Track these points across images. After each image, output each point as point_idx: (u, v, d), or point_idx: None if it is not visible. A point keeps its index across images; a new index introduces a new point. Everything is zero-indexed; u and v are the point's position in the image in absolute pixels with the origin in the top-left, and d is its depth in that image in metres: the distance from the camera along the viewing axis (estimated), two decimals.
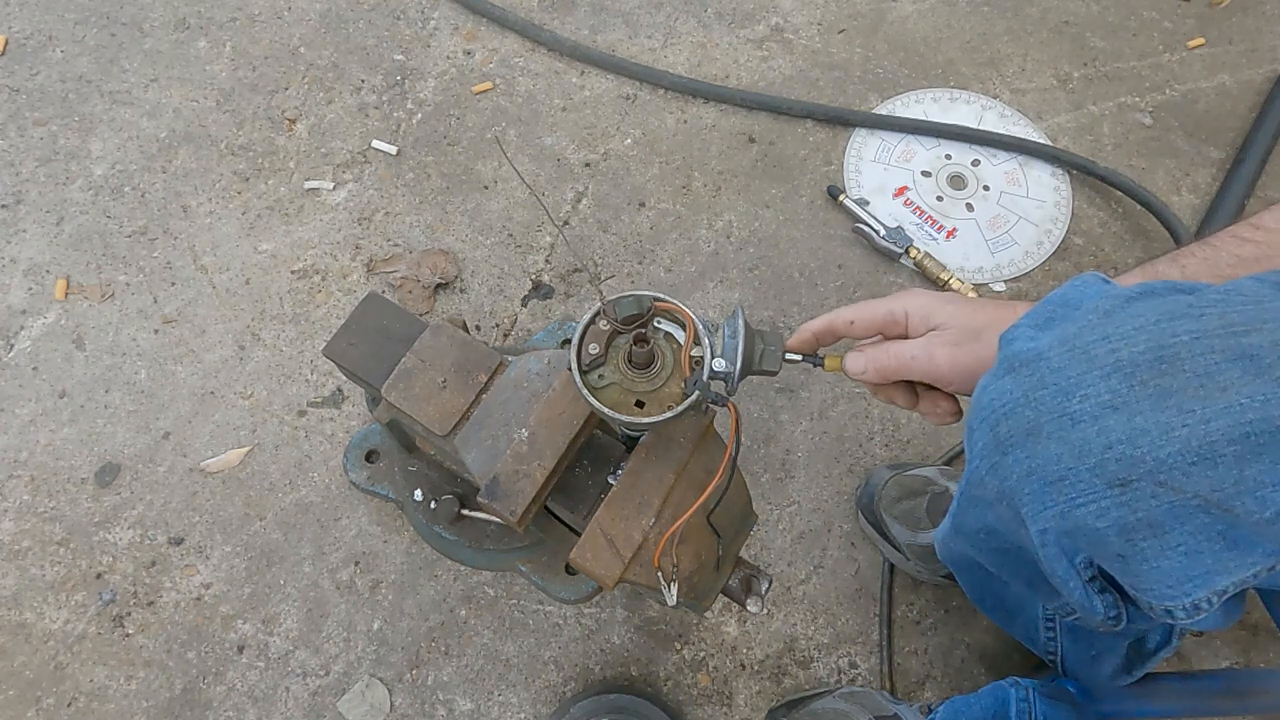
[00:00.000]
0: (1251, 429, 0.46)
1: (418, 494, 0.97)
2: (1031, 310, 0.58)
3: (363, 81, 1.41)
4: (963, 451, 1.14)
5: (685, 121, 1.39)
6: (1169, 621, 0.55)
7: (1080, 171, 1.34)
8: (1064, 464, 0.51)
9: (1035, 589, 0.70)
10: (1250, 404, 0.46)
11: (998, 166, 1.36)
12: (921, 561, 1.02)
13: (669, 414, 0.65)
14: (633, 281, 1.26)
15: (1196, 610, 0.53)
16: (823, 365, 0.72)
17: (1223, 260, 0.66)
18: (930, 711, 0.92)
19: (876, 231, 1.26)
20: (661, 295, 0.67)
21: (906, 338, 0.69)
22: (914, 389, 0.73)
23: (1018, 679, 0.90)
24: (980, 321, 0.66)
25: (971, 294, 1.23)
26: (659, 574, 0.71)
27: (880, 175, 1.35)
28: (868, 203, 1.31)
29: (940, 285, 1.24)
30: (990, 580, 0.88)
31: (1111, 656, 0.85)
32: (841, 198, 1.30)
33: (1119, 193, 1.31)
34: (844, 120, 1.38)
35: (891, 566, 1.08)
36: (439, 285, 1.25)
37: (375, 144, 1.36)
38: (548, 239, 1.29)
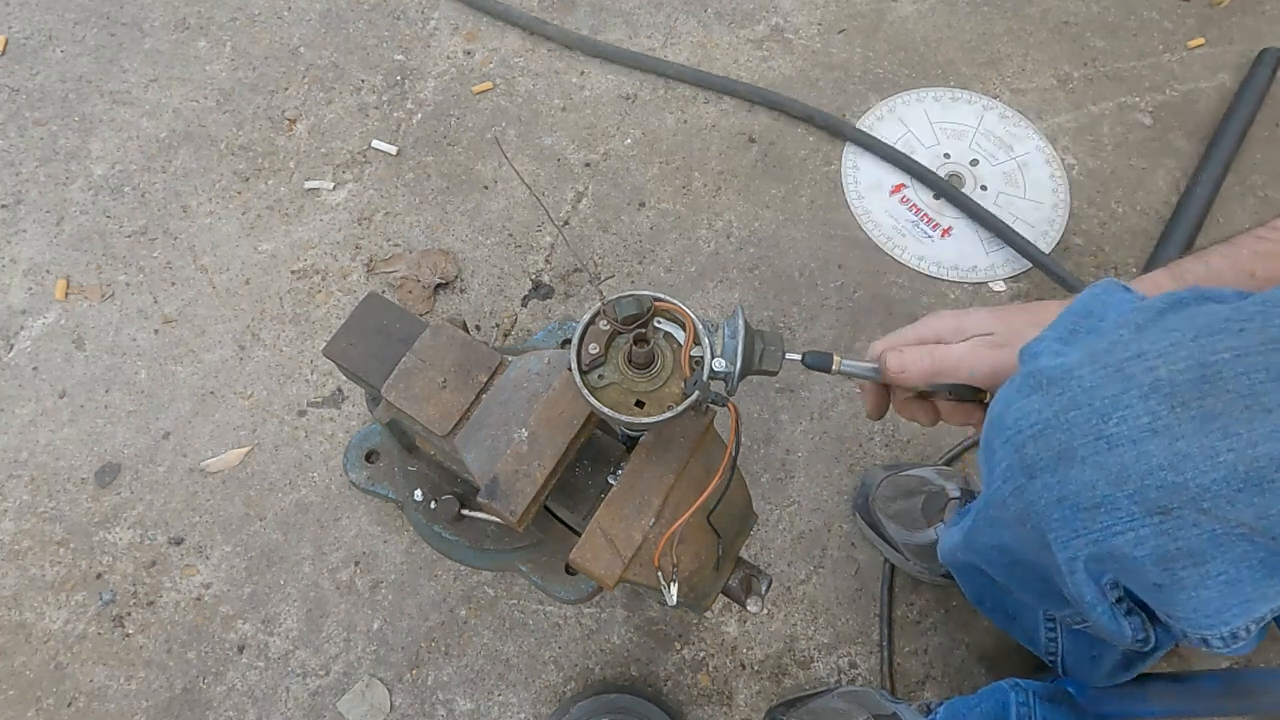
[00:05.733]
0: None
1: (418, 494, 0.97)
2: (1054, 323, 0.56)
3: (363, 81, 1.41)
4: (962, 452, 1.14)
5: (685, 121, 1.39)
6: (1204, 649, 0.53)
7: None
8: (1099, 490, 0.49)
9: (1044, 599, 0.69)
10: None
11: (996, 167, 1.36)
12: (920, 560, 1.02)
13: (669, 414, 0.65)
14: (633, 281, 1.26)
15: (1234, 639, 0.51)
16: (829, 370, 0.71)
17: (1243, 256, 0.64)
18: (930, 712, 0.92)
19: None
20: (661, 295, 0.67)
21: None
22: (936, 408, 0.72)
23: (1018, 681, 0.90)
24: (1018, 322, 0.65)
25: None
26: (659, 574, 0.71)
27: (878, 173, 1.35)
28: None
29: None
30: (993, 585, 0.88)
31: (1111, 654, 0.85)
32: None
33: (1119, 193, 1.31)
34: (839, 132, 1.36)
35: (892, 566, 1.08)
36: (439, 285, 1.25)
37: (375, 144, 1.36)
38: (548, 239, 1.29)
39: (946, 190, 1.30)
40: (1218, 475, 0.45)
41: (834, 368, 0.70)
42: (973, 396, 0.70)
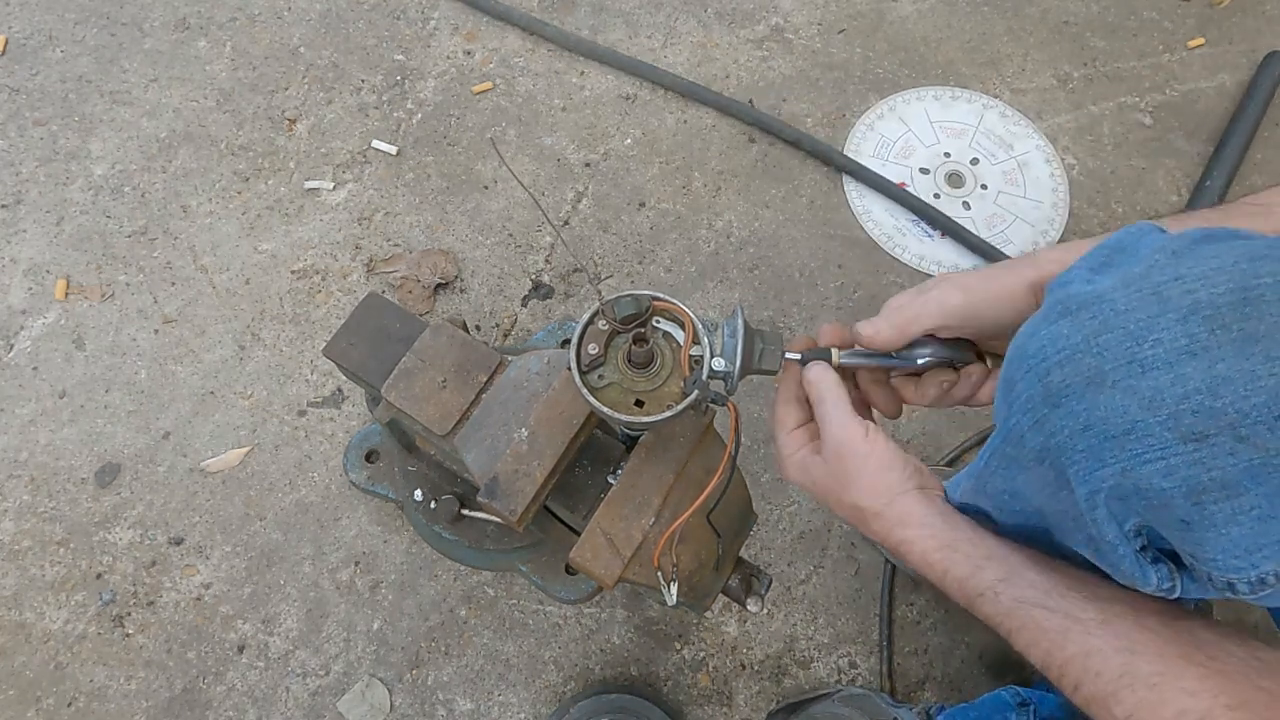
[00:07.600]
0: None
1: (418, 494, 0.97)
2: (1085, 255, 0.54)
3: (363, 81, 1.41)
4: (963, 453, 1.14)
5: (685, 121, 1.39)
6: (1229, 596, 0.50)
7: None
8: (1130, 416, 0.46)
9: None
10: None
11: (996, 166, 1.36)
12: None
13: (669, 413, 0.65)
14: (633, 281, 1.26)
15: (1262, 585, 0.48)
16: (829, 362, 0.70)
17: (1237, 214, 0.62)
18: (930, 718, 0.92)
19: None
20: (660, 294, 0.67)
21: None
22: (897, 395, 0.70)
23: (1018, 690, 0.89)
24: (994, 266, 0.64)
25: None
26: (659, 574, 0.71)
27: (878, 170, 1.34)
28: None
29: None
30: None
31: None
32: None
33: (1119, 193, 1.31)
34: (828, 159, 1.35)
35: (892, 567, 1.08)
36: (439, 285, 1.25)
37: (375, 144, 1.36)
38: (548, 239, 1.29)
39: (921, 209, 1.30)
40: (1258, 400, 0.43)
41: (834, 362, 0.70)
42: (954, 355, 0.67)
